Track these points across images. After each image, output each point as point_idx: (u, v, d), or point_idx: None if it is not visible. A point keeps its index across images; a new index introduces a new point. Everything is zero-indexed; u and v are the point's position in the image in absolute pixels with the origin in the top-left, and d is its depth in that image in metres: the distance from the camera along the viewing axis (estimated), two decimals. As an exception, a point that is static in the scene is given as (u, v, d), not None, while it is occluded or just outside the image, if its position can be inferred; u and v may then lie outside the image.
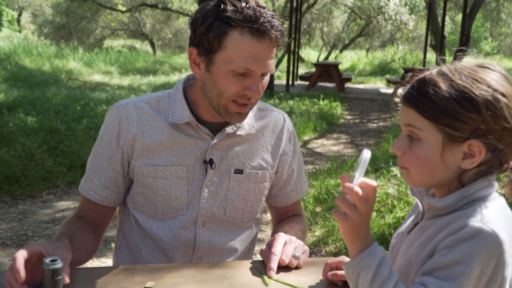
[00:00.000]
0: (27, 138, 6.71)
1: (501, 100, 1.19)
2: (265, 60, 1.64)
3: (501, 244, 1.15)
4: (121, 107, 1.81)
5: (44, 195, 5.70)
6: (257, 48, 1.62)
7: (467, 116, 1.19)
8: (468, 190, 1.24)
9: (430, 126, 1.23)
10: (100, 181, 1.81)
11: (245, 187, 1.89)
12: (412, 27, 27.23)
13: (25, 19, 39.31)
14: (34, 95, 10.18)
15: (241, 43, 1.61)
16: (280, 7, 27.68)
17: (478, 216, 1.18)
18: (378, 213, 4.98)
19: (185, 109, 1.78)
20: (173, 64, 22.84)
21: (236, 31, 1.60)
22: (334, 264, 1.59)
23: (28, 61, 17.75)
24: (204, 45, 1.65)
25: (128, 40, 35.56)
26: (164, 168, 1.79)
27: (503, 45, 44.01)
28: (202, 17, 1.64)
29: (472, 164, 1.22)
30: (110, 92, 12.31)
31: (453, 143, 1.22)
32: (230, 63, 1.63)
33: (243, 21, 1.59)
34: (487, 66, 1.27)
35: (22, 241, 4.50)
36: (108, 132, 1.80)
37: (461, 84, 1.21)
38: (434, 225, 1.27)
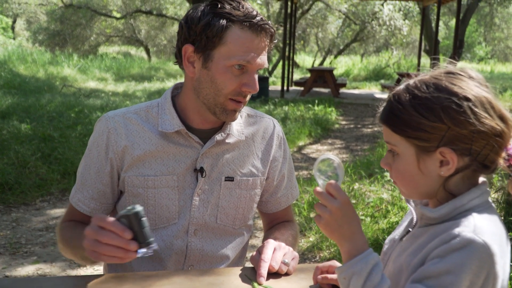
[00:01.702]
0: (21, 145, 6.69)
1: (463, 104, 1.20)
2: (261, 55, 1.69)
3: (493, 256, 1.15)
4: (110, 119, 1.81)
5: (37, 202, 5.69)
6: (256, 42, 1.66)
7: (431, 126, 1.22)
8: (461, 200, 1.25)
9: (402, 141, 1.27)
10: (88, 192, 1.82)
11: (236, 195, 1.89)
12: (406, 33, 27.33)
13: (20, 26, 39.28)
14: (28, 102, 10.16)
15: (241, 37, 1.65)
16: (275, 13, 27.74)
17: (470, 226, 1.18)
18: (372, 219, 4.98)
19: (175, 118, 1.78)
20: (168, 70, 22.85)
21: (236, 26, 1.64)
22: (324, 268, 1.59)
23: (23, 68, 17.73)
24: (202, 41, 1.66)
25: (123, 47, 35.57)
26: (155, 178, 1.78)
27: (497, 49, 44.25)
28: (198, 15, 1.67)
29: (449, 170, 1.24)
30: (104, 99, 12.29)
31: (426, 153, 1.25)
32: (230, 57, 1.65)
33: (243, 16, 1.64)
34: (454, 72, 1.28)
35: (15, 249, 4.48)
36: (97, 145, 1.80)
37: (421, 96, 1.24)
38: (427, 234, 1.27)
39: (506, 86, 17.71)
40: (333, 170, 1.30)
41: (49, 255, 4.38)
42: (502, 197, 4.75)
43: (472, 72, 1.29)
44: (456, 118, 1.20)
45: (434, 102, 1.21)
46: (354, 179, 6.36)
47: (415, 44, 30.09)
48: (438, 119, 1.21)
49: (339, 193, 1.25)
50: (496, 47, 44.14)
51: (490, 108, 1.22)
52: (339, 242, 1.26)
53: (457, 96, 1.21)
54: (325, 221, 1.25)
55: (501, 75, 24.50)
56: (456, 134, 1.21)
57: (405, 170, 1.29)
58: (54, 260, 4.28)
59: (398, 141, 1.28)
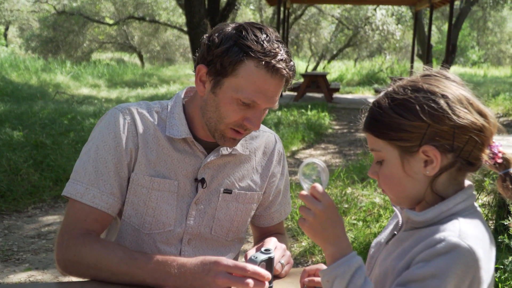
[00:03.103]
0: (13, 152, 6.67)
1: (441, 101, 1.22)
2: (272, 96, 1.64)
3: (477, 261, 1.16)
4: (126, 110, 1.76)
5: (29, 209, 5.66)
6: (268, 83, 1.61)
7: (411, 125, 1.23)
8: (447, 204, 1.26)
9: (385, 145, 1.29)
10: (105, 187, 1.69)
11: (233, 207, 1.87)
12: (399, 37, 27.47)
13: (12, 33, 39.20)
14: (20, 110, 10.13)
15: (254, 74, 1.59)
16: (268, 18, 27.82)
17: (456, 231, 1.19)
18: (364, 223, 4.99)
19: (183, 125, 1.75)
20: (161, 76, 22.86)
21: (252, 62, 1.58)
22: (312, 271, 1.60)
23: (15, 75, 17.68)
24: (216, 66, 1.62)
25: (116, 53, 35.57)
26: (160, 180, 1.75)
27: (490, 53, 44.47)
28: (220, 38, 1.61)
29: (434, 169, 1.25)
30: (97, 106, 12.27)
31: (409, 154, 1.26)
32: (238, 91, 1.61)
33: (262, 53, 1.57)
34: (430, 74, 1.31)
35: (7, 256, 4.46)
36: (115, 135, 1.71)
37: (400, 98, 1.26)
38: (412, 237, 1.27)
39: (499, 89, 17.78)
40: (317, 174, 1.32)
41: (41, 262, 4.36)
42: (494, 201, 4.77)
43: (449, 73, 1.31)
44: (434, 115, 1.22)
45: (412, 102, 1.24)
46: (346, 183, 6.37)
47: (408, 49, 30.22)
48: (417, 118, 1.23)
49: (323, 196, 1.26)
50: (489, 51, 44.36)
51: (468, 104, 1.24)
52: (323, 245, 1.27)
53: (434, 94, 1.24)
54: (309, 223, 1.26)
55: (494, 79, 24.61)
56: (437, 130, 1.22)
57: (391, 174, 1.30)
58: (46, 267, 4.26)
59: (381, 146, 1.30)
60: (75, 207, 1.70)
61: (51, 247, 4.70)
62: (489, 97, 15.34)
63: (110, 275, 1.59)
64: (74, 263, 1.64)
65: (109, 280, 1.59)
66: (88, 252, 1.62)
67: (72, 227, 1.69)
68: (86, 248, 1.63)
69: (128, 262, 1.58)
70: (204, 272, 1.49)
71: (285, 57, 1.61)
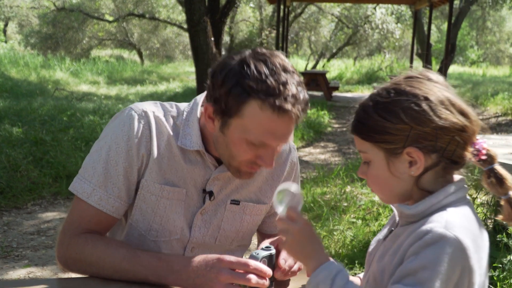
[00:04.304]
0: (12, 149, 6.67)
1: (422, 104, 1.25)
2: (283, 135, 1.56)
3: (465, 250, 1.17)
4: (143, 113, 1.69)
5: (29, 206, 5.67)
6: (275, 124, 1.51)
7: (394, 128, 1.27)
8: (437, 196, 1.28)
9: (371, 147, 1.33)
10: (113, 190, 1.66)
11: (239, 219, 1.84)
12: (398, 36, 27.44)
13: (11, 29, 39.12)
14: (20, 106, 10.12)
15: (260, 116, 1.49)
16: (268, 17, 27.79)
17: (442, 222, 1.21)
18: (363, 221, 5.00)
19: (197, 136, 1.69)
20: (161, 73, 22.84)
21: (256, 103, 1.48)
22: None
23: (15, 72, 17.66)
24: (221, 106, 1.54)
25: (115, 50, 35.51)
26: (170, 189, 1.71)
27: (489, 53, 44.45)
28: (223, 76, 1.52)
29: (418, 169, 1.29)
30: (97, 102, 12.26)
31: (394, 155, 1.30)
32: (245, 132, 1.54)
33: (265, 93, 1.46)
34: (413, 76, 1.34)
35: (7, 253, 4.46)
36: (128, 138, 1.66)
37: (383, 101, 1.30)
38: (405, 232, 1.29)
39: (498, 89, 17.79)
40: (292, 197, 1.41)
41: (41, 259, 4.36)
42: (493, 200, 4.78)
43: (432, 74, 1.34)
44: (416, 117, 1.25)
45: (394, 105, 1.28)
46: (346, 182, 6.38)
47: (408, 48, 30.20)
48: (400, 121, 1.26)
49: (299, 216, 1.36)
50: (488, 50, 44.33)
51: (449, 105, 1.27)
52: (304, 261, 1.36)
53: (416, 97, 1.27)
54: (289, 243, 1.36)
55: (493, 79, 24.62)
56: (419, 132, 1.26)
57: (378, 175, 1.35)
58: (45, 264, 4.26)
59: (368, 147, 1.34)
60: (81, 206, 1.68)
61: (50, 244, 4.70)
62: (488, 97, 15.36)
63: (113, 272, 1.59)
64: (76, 261, 1.64)
65: (112, 277, 1.59)
66: (91, 251, 1.62)
67: (76, 225, 1.67)
68: (88, 246, 1.62)
69: (130, 260, 1.58)
70: (207, 268, 1.50)
71: (293, 92, 1.49)
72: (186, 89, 17.25)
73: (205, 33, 11.87)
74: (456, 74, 27.57)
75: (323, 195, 5.87)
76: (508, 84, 20.06)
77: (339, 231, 4.74)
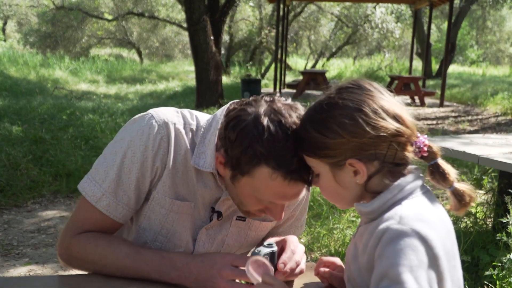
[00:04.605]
0: (12, 147, 6.67)
1: (355, 116, 1.28)
2: (293, 197, 1.55)
3: (425, 239, 1.18)
4: (163, 125, 1.63)
5: (29, 204, 5.67)
6: (286, 190, 1.49)
7: (333, 143, 1.30)
8: (392, 191, 1.30)
9: (316, 161, 1.37)
10: (123, 198, 1.62)
11: (244, 234, 1.82)
12: (398, 35, 27.46)
13: (10, 28, 39.12)
14: (19, 105, 10.12)
15: (270, 181, 1.47)
16: (267, 16, 27.79)
17: (396, 218, 1.23)
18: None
19: (212, 157, 1.61)
20: (160, 72, 22.85)
21: (267, 169, 1.45)
22: (327, 262, 1.63)
23: (14, 70, 17.67)
24: (232, 161, 1.51)
25: (114, 49, 35.53)
26: (180, 203, 1.67)
27: (488, 52, 44.48)
28: (236, 133, 1.48)
29: (363, 178, 1.32)
30: (96, 101, 12.28)
31: (338, 167, 1.33)
32: (255, 191, 1.52)
33: (277, 163, 1.43)
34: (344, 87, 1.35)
35: (7, 251, 4.47)
36: (145, 148, 1.61)
37: (319, 117, 1.34)
38: (368, 230, 1.30)
39: (498, 89, 17.79)
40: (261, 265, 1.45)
41: (41, 257, 4.37)
42: (492, 199, 4.79)
43: (362, 82, 1.36)
44: (352, 130, 1.28)
45: (329, 120, 1.31)
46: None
47: (407, 47, 30.23)
48: (337, 135, 1.29)
49: (274, 279, 1.41)
50: (488, 50, 44.37)
51: (382, 113, 1.29)
52: None
53: (349, 109, 1.29)
54: None
55: (493, 78, 24.62)
56: (357, 144, 1.28)
57: (327, 186, 1.38)
58: (46, 262, 4.27)
59: (314, 162, 1.38)
60: (88, 208, 1.64)
61: (51, 242, 4.71)
62: (488, 96, 15.36)
63: (115, 270, 1.59)
64: (78, 259, 1.64)
65: (114, 274, 1.59)
66: (93, 249, 1.61)
67: (79, 225, 1.66)
68: (90, 245, 1.62)
69: (133, 257, 1.57)
70: (209, 265, 1.50)
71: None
72: (185, 88, 17.26)
73: (204, 32, 11.86)
74: (456, 74, 27.57)
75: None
76: (507, 84, 20.08)
77: (339, 229, 4.74)
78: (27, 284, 1.54)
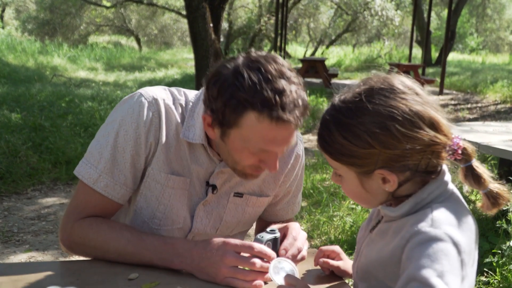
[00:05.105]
0: (11, 134, 6.66)
1: (389, 126, 1.18)
2: (284, 140, 1.53)
3: (457, 245, 1.14)
4: (153, 101, 1.66)
5: (29, 191, 5.67)
6: (275, 132, 1.47)
7: (362, 153, 1.21)
8: (421, 195, 1.25)
9: (341, 166, 1.28)
10: (119, 177, 1.64)
11: (241, 210, 1.84)
12: (398, 23, 27.37)
13: (9, 15, 38.90)
14: (18, 92, 10.08)
15: (258, 126, 1.46)
16: (267, 3, 27.67)
17: (428, 221, 1.18)
18: (363, 207, 5.01)
19: (201, 129, 1.65)
20: (159, 60, 22.76)
21: (253, 114, 1.44)
22: (327, 252, 1.62)
23: (12, 58, 17.60)
24: (218, 117, 1.51)
25: (113, 36, 35.37)
26: (175, 178, 1.69)
27: (488, 40, 44.35)
28: (217, 87, 1.49)
29: (392, 187, 1.25)
30: (95, 89, 12.23)
31: (365, 175, 1.26)
32: (245, 142, 1.51)
33: (261, 105, 1.42)
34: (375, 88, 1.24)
35: (7, 238, 4.47)
36: (137, 126, 1.63)
37: (346, 122, 1.22)
38: (391, 229, 1.28)
39: (497, 77, 17.76)
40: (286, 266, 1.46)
41: (41, 244, 4.38)
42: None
43: (396, 81, 1.25)
44: (384, 141, 1.19)
45: (359, 128, 1.20)
46: (345, 168, 6.38)
47: (407, 35, 30.13)
48: (367, 145, 1.20)
49: (297, 281, 1.35)
50: (487, 38, 44.22)
51: (417, 120, 1.19)
52: None
53: (380, 116, 1.19)
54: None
55: (493, 66, 24.53)
56: (389, 155, 1.20)
57: (351, 190, 1.32)
58: (46, 249, 4.28)
59: (337, 165, 1.29)
60: (86, 191, 1.66)
61: (51, 229, 4.72)
62: (487, 84, 15.34)
63: (117, 256, 1.59)
64: (80, 245, 1.64)
65: (116, 260, 1.59)
66: (95, 234, 1.62)
67: (80, 210, 1.67)
68: (92, 230, 1.62)
69: (135, 243, 1.58)
70: (212, 251, 1.50)
71: (290, 99, 1.44)
72: (184, 75, 17.21)
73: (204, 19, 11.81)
74: (456, 62, 27.49)
75: (323, 182, 5.88)
76: (507, 72, 20.03)
77: (339, 217, 4.76)
78: (29, 270, 1.54)
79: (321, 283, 1.58)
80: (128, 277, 1.49)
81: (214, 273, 1.48)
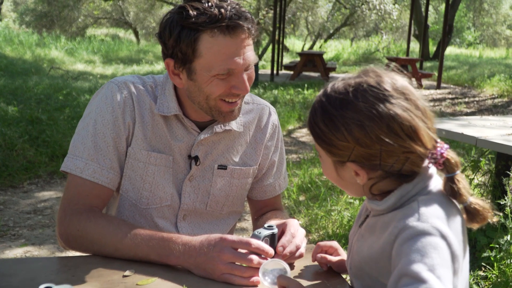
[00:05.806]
0: (8, 127, 6.63)
1: (366, 126, 1.18)
2: (243, 54, 1.60)
3: (446, 237, 1.13)
4: (123, 84, 1.74)
5: (25, 185, 5.65)
6: (232, 45, 1.57)
7: (339, 143, 1.23)
8: (407, 188, 1.24)
9: (320, 149, 1.31)
10: (105, 161, 1.69)
11: (228, 183, 1.88)
12: (396, 17, 27.31)
13: (6, 7, 38.77)
14: (15, 84, 10.06)
15: (215, 45, 1.56)
16: (265, -4, 27.57)
17: (415, 214, 1.17)
18: (360, 201, 5.01)
19: (173, 101, 1.74)
20: (157, 53, 22.70)
21: (206, 35, 1.56)
22: (325, 247, 1.62)
23: (9, 50, 17.54)
24: (178, 56, 1.61)
25: (111, 29, 35.29)
26: (157, 155, 1.75)
27: (485, 35, 44.35)
28: (168, 28, 1.60)
29: (362, 181, 1.26)
30: (93, 81, 12.20)
31: (339, 164, 1.28)
32: (211, 69, 1.59)
33: (209, 22, 1.54)
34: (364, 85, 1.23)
35: (3, 232, 4.46)
36: (112, 109, 1.70)
37: (330, 112, 1.24)
38: (378, 224, 1.28)
39: (494, 71, 17.76)
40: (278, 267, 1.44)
41: (37, 238, 4.36)
42: (489, 181, 4.79)
43: (388, 80, 1.23)
44: (359, 138, 1.19)
45: (339, 120, 1.21)
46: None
47: (405, 29, 30.12)
48: (343, 138, 1.21)
49: (289, 281, 1.35)
50: (484, 32, 44.22)
51: (396, 127, 1.18)
52: None
53: (360, 114, 1.19)
54: None
55: (489, 60, 24.53)
56: (362, 153, 1.21)
57: (329, 174, 1.34)
58: (42, 243, 4.26)
59: (319, 148, 1.32)
60: (76, 182, 1.69)
61: (47, 223, 4.70)
62: (484, 78, 15.35)
63: (114, 250, 1.58)
64: (78, 238, 1.64)
65: (113, 255, 1.58)
66: (93, 228, 1.62)
67: (75, 202, 1.68)
68: (90, 223, 1.62)
69: (132, 238, 1.57)
70: (209, 247, 1.49)
71: (235, 10, 1.56)
72: (182, 69, 17.15)
73: (201, 12, 11.72)
74: (453, 56, 27.48)
75: (321, 176, 5.87)
76: (504, 66, 20.03)
77: (337, 211, 4.75)
78: (25, 265, 1.52)
79: (319, 279, 1.56)
80: (124, 274, 1.48)
81: (211, 269, 1.47)
